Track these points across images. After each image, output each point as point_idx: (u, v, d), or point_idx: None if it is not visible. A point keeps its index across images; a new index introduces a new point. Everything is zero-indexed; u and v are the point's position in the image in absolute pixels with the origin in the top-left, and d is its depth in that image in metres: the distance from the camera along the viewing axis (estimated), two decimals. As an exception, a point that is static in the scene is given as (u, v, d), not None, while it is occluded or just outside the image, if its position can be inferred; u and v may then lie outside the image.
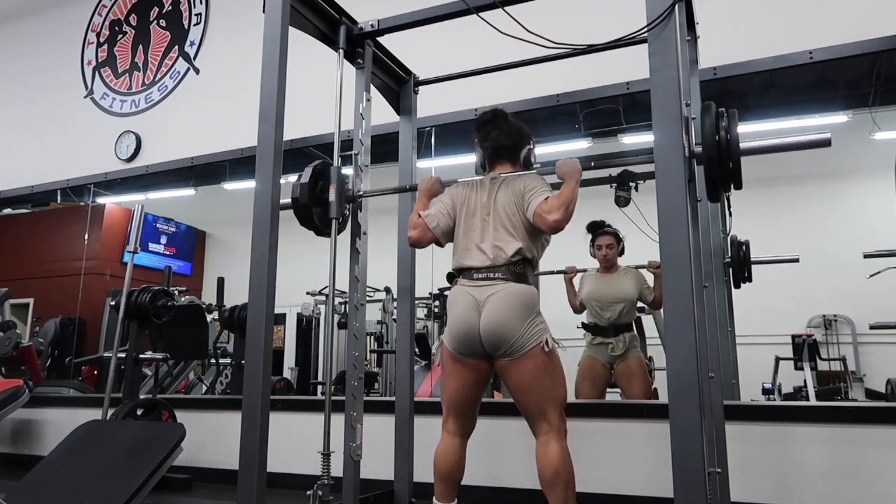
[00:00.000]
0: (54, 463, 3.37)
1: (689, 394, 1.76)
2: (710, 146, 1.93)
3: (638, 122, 4.00)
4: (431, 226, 2.48)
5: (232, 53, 4.98)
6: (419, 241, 2.55)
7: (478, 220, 2.40)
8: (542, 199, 2.28)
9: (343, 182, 2.56)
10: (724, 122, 1.95)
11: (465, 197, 2.47)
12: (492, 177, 2.46)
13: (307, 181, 2.52)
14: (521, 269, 2.32)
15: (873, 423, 2.77)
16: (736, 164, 1.95)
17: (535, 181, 2.37)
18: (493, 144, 2.50)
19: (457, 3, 2.63)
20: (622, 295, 3.79)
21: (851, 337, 5.80)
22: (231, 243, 8.17)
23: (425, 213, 2.51)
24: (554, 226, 2.24)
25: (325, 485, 2.26)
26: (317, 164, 2.58)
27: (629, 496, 2.97)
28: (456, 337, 2.32)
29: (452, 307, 2.36)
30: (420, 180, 2.65)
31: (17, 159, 5.88)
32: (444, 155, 4.50)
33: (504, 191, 2.39)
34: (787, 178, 5.72)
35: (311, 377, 6.38)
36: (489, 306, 2.26)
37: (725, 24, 3.40)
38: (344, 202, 2.56)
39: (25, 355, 5.01)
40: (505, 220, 2.35)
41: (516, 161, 2.50)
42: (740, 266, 3.33)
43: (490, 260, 2.32)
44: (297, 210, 2.52)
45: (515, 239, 2.32)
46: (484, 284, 2.31)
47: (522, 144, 2.51)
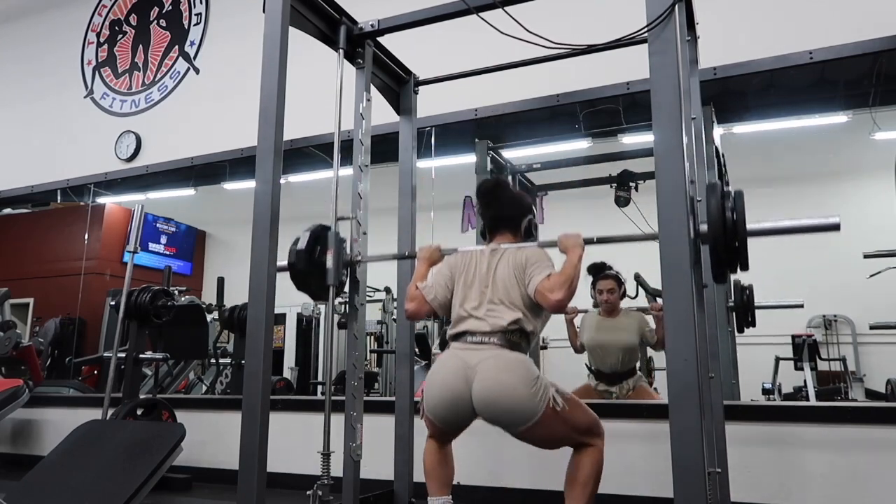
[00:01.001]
0: (54, 463, 3.37)
1: (689, 394, 1.76)
2: (716, 227, 1.87)
3: (638, 122, 4.00)
4: (429, 298, 2.38)
5: (232, 53, 4.98)
6: (416, 314, 2.47)
7: (475, 291, 2.30)
8: (544, 276, 2.19)
9: (341, 247, 2.51)
10: (730, 202, 1.89)
11: (465, 267, 2.37)
12: (492, 248, 2.37)
13: (304, 247, 2.43)
14: (516, 339, 2.21)
15: (873, 423, 2.77)
16: (742, 245, 1.89)
17: (537, 255, 2.28)
18: (494, 214, 2.45)
19: (457, 3, 2.63)
20: (624, 341, 3.74)
21: (851, 337, 5.81)
22: (231, 243, 8.17)
23: (423, 284, 2.42)
24: (556, 305, 2.16)
25: (325, 485, 2.26)
26: (314, 229, 2.49)
27: (629, 496, 2.97)
28: (439, 406, 2.20)
29: (437, 372, 2.24)
30: (419, 248, 2.57)
31: (17, 159, 5.88)
32: (444, 155, 4.50)
33: (504, 263, 2.30)
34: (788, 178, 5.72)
35: (311, 377, 6.38)
36: (482, 374, 2.13)
37: (725, 24, 3.40)
38: (341, 268, 2.51)
39: (25, 355, 5.01)
40: (503, 294, 2.25)
41: (517, 231, 2.43)
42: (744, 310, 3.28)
43: (487, 326, 2.21)
44: (293, 276, 2.45)
45: (514, 311, 2.22)
46: (476, 348, 2.19)
47: (523, 215, 2.44)
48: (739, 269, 1.96)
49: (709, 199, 1.90)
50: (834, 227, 1.91)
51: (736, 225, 1.87)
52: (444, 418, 2.23)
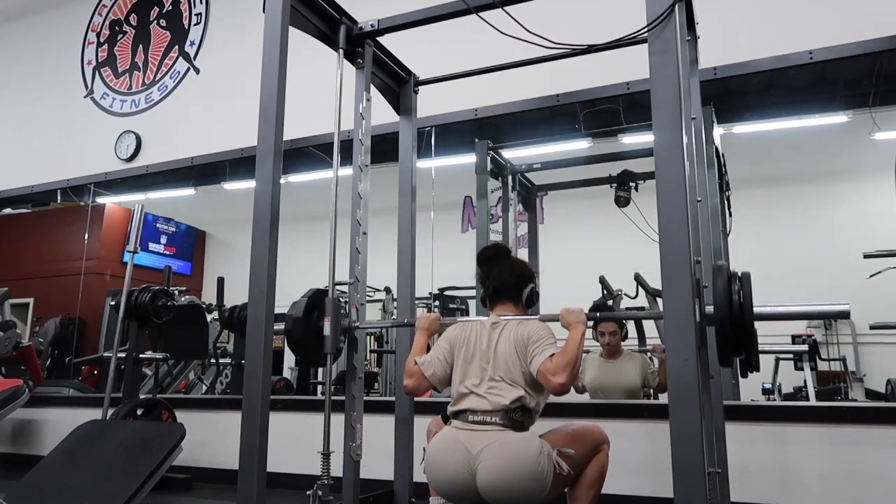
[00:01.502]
0: (54, 463, 3.37)
1: (689, 394, 1.76)
2: (722, 311, 1.83)
3: (638, 122, 4.00)
4: (427, 374, 2.32)
5: (232, 53, 4.98)
6: (415, 391, 2.42)
7: (476, 366, 2.25)
8: (547, 356, 2.13)
9: (339, 313, 2.48)
10: (736, 285, 1.86)
11: (465, 340, 2.32)
12: (492, 322, 2.32)
13: (300, 316, 2.40)
14: (518, 417, 2.15)
15: (873, 424, 2.77)
16: (750, 329, 1.85)
17: (539, 331, 2.23)
18: (495, 284, 2.40)
19: (457, 3, 2.63)
20: (626, 385, 3.70)
21: (851, 337, 5.81)
22: (231, 243, 8.17)
23: (421, 359, 2.37)
24: (559, 389, 2.12)
25: (325, 485, 2.26)
26: (311, 295, 2.46)
27: (629, 496, 2.96)
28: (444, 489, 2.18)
29: (437, 455, 2.18)
30: (418, 318, 2.55)
31: (17, 159, 5.88)
32: (444, 155, 4.50)
33: (505, 337, 2.25)
34: (788, 178, 5.73)
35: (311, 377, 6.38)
36: (485, 464, 2.07)
37: (725, 24, 3.40)
38: (339, 335, 2.48)
39: (25, 355, 5.01)
40: (503, 371, 2.20)
41: (518, 301, 2.39)
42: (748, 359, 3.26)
43: (488, 404, 2.16)
44: (290, 344, 2.43)
45: (516, 389, 2.17)
46: (478, 430, 2.13)
47: (524, 284, 2.40)
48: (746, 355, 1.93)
49: (715, 281, 1.86)
50: (843, 315, 1.89)
51: (743, 308, 1.83)
52: (451, 498, 2.20)
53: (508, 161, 4.59)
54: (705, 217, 2.43)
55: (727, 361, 1.96)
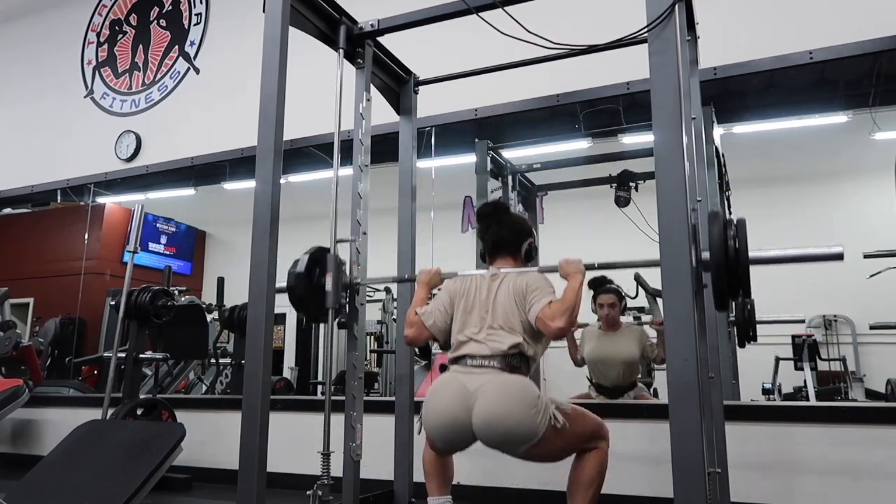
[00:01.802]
0: (54, 463, 3.37)
1: (689, 394, 1.76)
2: (718, 256, 1.87)
3: (638, 122, 4.00)
4: (428, 324, 2.37)
5: (232, 53, 4.98)
6: (416, 340, 2.46)
7: (476, 317, 2.28)
8: (545, 303, 2.17)
9: (340, 270, 2.49)
10: (732, 230, 1.89)
11: (464, 292, 2.35)
12: (492, 274, 2.35)
13: (303, 270, 2.41)
14: (516, 363, 2.18)
15: (873, 424, 2.77)
16: (745, 274, 1.88)
17: (538, 280, 2.26)
18: (494, 238, 2.43)
19: (457, 3, 2.63)
20: (625, 356, 3.73)
21: (851, 337, 5.81)
22: (231, 243, 8.17)
23: (422, 310, 2.40)
24: (557, 333, 2.16)
25: (325, 485, 2.26)
26: (313, 252, 2.47)
27: (629, 496, 2.97)
28: (438, 430, 2.19)
29: (436, 395, 2.20)
30: (419, 271, 2.56)
31: (17, 159, 5.88)
32: (444, 155, 4.50)
33: (504, 289, 2.28)
34: (788, 178, 5.73)
35: (311, 377, 6.39)
36: (482, 398, 2.10)
37: (725, 24, 3.40)
38: (341, 290, 2.49)
39: (25, 355, 5.01)
40: (502, 320, 2.23)
41: (517, 255, 2.42)
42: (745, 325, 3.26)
43: (487, 349, 2.20)
44: (292, 299, 2.43)
45: (514, 335, 2.21)
46: (476, 372, 2.17)
47: (523, 238, 2.43)
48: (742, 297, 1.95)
49: (711, 228, 1.89)
50: (837, 257, 1.88)
51: (738, 253, 1.86)
52: (444, 441, 2.22)
53: (508, 161, 4.59)
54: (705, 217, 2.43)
55: (723, 305, 2.00)
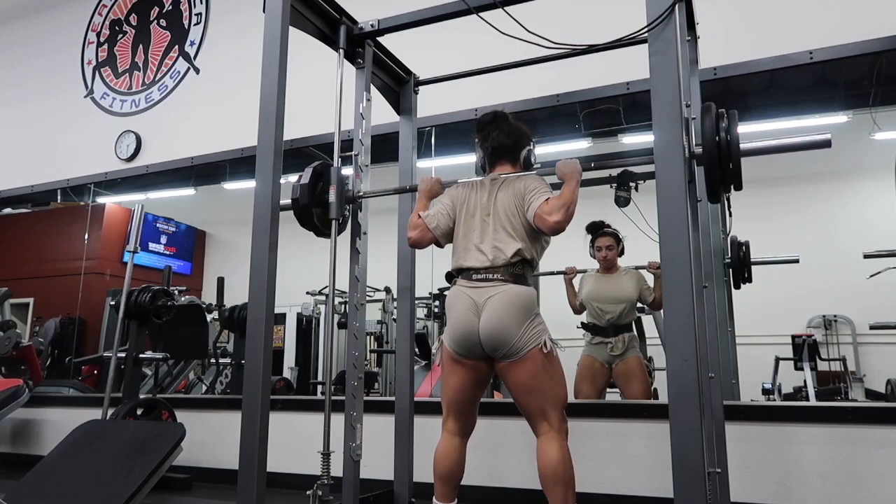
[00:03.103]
0: (54, 463, 3.37)
1: (689, 394, 1.76)
2: (710, 147, 1.93)
3: (638, 122, 4.00)
4: (431, 226, 2.47)
5: (232, 53, 4.98)
6: (419, 242, 2.54)
7: (477, 220, 2.40)
8: (543, 200, 2.27)
9: (343, 183, 2.56)
10: (724, 122, 1.95)
11: (465, 197, 2.46)
12: (492, 177, 2.45)
13: (307, 182, 2.50)
14: (519, 270, 2.31)
15: (873, 424, 2.77)
16: (736, 165, 1.95)
17: (536, 182, 2.36)
18: (494, 144, 2.50)
19: (457, 3, 2.63)
20: (622, 295, 3.80)
21: (851, 337, 5.80)
22: (231, 243, 8.17)
23: (425, 213, 2.50)
24: (555, 227, 2.24)
25: (325, 485, 2.26)
26: (316, 165, 2.56)
27: (629, 496, 2.96)
28: (456, 339, 2.33)
29: (452, 309, 2.36)
30: (420, 181, 2.64)
31: (17, 159, 5.88)
32: (444, 155, 4.49)
33: (504, 191, 2.39)
34: (787, 178, 5.72)
35: (311, 377, 6.38)
36: (488, 309, 2.26)
37: (725, 24, 3.40)
38: (344, 203, 2.56)
39: (25, 355, 5.02)
40: (505, 221, 2.34)
41: (516, 161, 2.50)
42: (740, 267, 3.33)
43: (489, 261, 2.31)
44: (296, 211, 2.51)
45: (515, 240, 2.32)
46: (483, 286, 2.30)
47: (522, 144, 2.51)
48: (733, 188, 2.02)
49: (703, 120, 1.94)
50: (825, 144, 1.96)
51: (730, 144, 1.93)
52: (464, 347, 2.32)
53: (508, 161, 4.58)
54: (705, 217, 2.43)
55: (716, 197, 2.07)
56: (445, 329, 2.41)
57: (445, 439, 2.38)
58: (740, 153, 1.95)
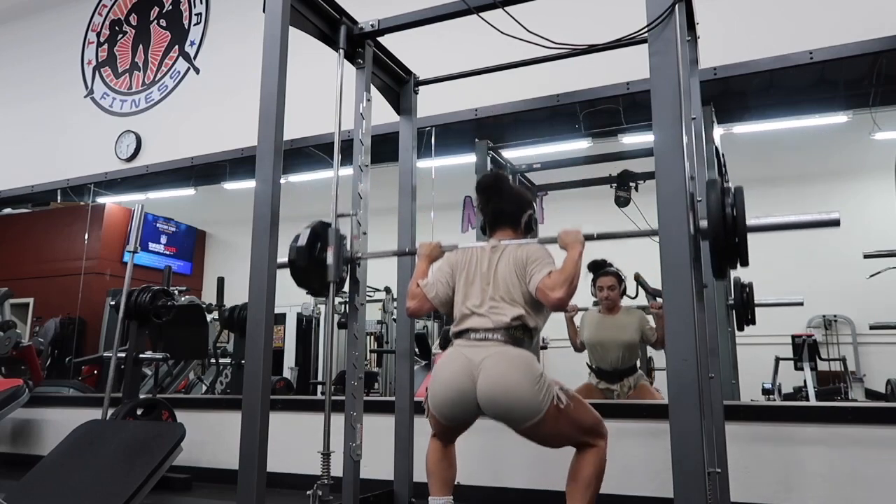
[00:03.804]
0: (54, 463, 3.37)
1: (689, 394, 1.76)
2: (716, 223, 1.87)
3: (638, 122, 4.00)
4: (430, 295, 2.39)
5: (232, 53, 4.98)
6: (418, 312, 2.47)
7: (477, 288, 2.30)
8: (545, 273, 2.19)
9: (341, 243, 2.50)
10: (730, 198, 1.89)
11: (465, 264, 2.37)
12: (492, 245, 2.37)
13: (304, 244, 2.42)
14: (519, 335, 2.21)
15: (873, 423, 2.77)
16: (742, 241, 1.89)
17: (538, 252, 2.28)
18: (494, 210, 2.44)
19: (457, 3, 2.63)
20: (624, 339, 3.74)
21: (851, 337, 5.80)
22: (231, 243, 8.17)
23: (423, 282, 2.43)
24: (557, 304, 2.16)
25: (325, 485, 2.26)
26: (314, 226, 2.49)
27: (629, 496, 2.96)
28: (444, 404, 2.20)
29: (442, 369, 2.23)
30: (419, 245, 2.57)
31: (17, 159, 5.88)
32: (444, 155, 4.50)
33: (505, 260, 2.30)
34: (787, 178, 5.72)
35: (311, 377, 6.38)
36: (486, 370, 2.12)
37: (725, 24, 3.40)
38: (342, 264, 2.50)
39: (25, 355, 5.02)
40: (504, 292, 2.25)
41: (517, 227, 2.43)
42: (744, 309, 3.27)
43: (490, 322, 2.21)
44: (293, 273, 2.44)
45: (516, 308, 2.22)
46: (480, 345, 2.19)
47: (524, 210, 2.44)
48: (739, 264, 1.97)
49: (709, 195, 1.91)
50: (834, 223, 1.93)
51: (736, 220, 1.88)
52: (450, 416, 2.22)
53: (508, 161, 4.59)
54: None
55: (722, 273, 2.02)
56: (429, 391, 2.25)
57: (433, 442, 2.36)
58: (747, 230, 1.89)
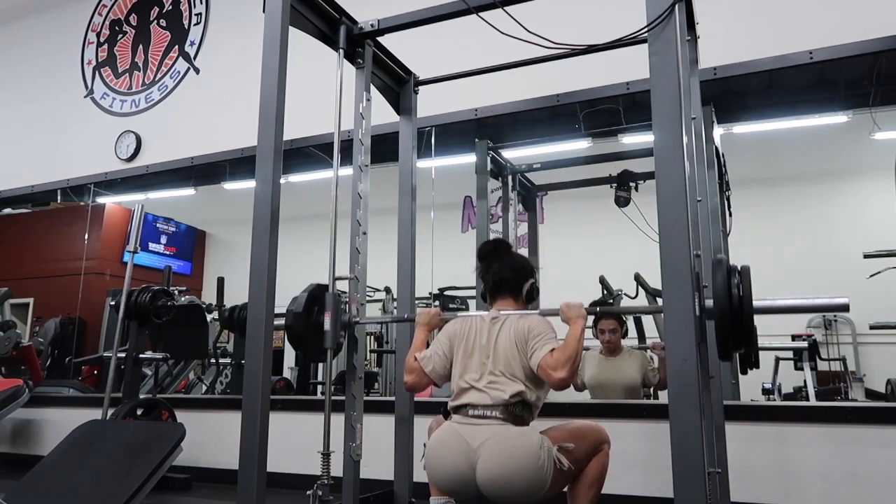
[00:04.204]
0: (54, 463, 3.37)
1: (689, 394, 1.76)
2: (722, 304, 1.82)
3: (638, 121, 4.00)
4: (427, 370, 2.33)
5: (232, 53, 4.98)
6: (415, 387, 2.42)
7: (476, 361, 2.24)
8: (547, 351, 2.13)
9: (339, 308, 2.48)
10: (736, 279, 1.85)
11: (464, 334, 2.32)
12: (492, 316, 2.31)
13: (301, 310, 2.39)
14: (518, 411, 2.15)
15: (873, 423, 2.77)
16: (749, 323, 1.84)
17: (540, 325, 2.23)
18: (495, 278, 2.40)
19: (457, 3, 2.63)
20: (626, 382, 3.70)
21: (851, 337, 5.81)
22: (231, 243, 8.17)
23: (421, 355, 2.36)
24: (559, 384, 2.11)
25: (325, 485, 2.26)
26: (312, 289, 2.46)
27: (629, 496, 2.96)
28: (444, 485, 2.16)
29: (438, 449, 2.16)
30: (418, 313, 2.54)
31: (17, 159, 5.88)
32: (444, 155, 4.50)
33: (505, 332, 2.25)
34: (787, 178, 5.73)
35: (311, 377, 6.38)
36: (485, 458, 2.06)
37: (725, 24, 3.40)
38: (339, 330, 2.48)
39: (25, 355, 5.01)
40: (504, 366, 2.20)
41: (518, 296, 2.38)
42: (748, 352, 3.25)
43: (489, 398, 2.16)
44: (290, 339, 2.42)
45: (516, 383, 2.17)
46: (478, 424, 2.13)
47: (525, 278, 2.39)
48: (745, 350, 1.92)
49: (714, 276, 1.86)
50: (843, 308, 1.88)
51: (742, 302, 1.82)
52: (451, 493, 2.19)
53: (508, 161, 4.59)
54: (705, 217, 2.43)
55: (727, 356, 1.95)
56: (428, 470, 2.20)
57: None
58: (753, 311, 1.83)
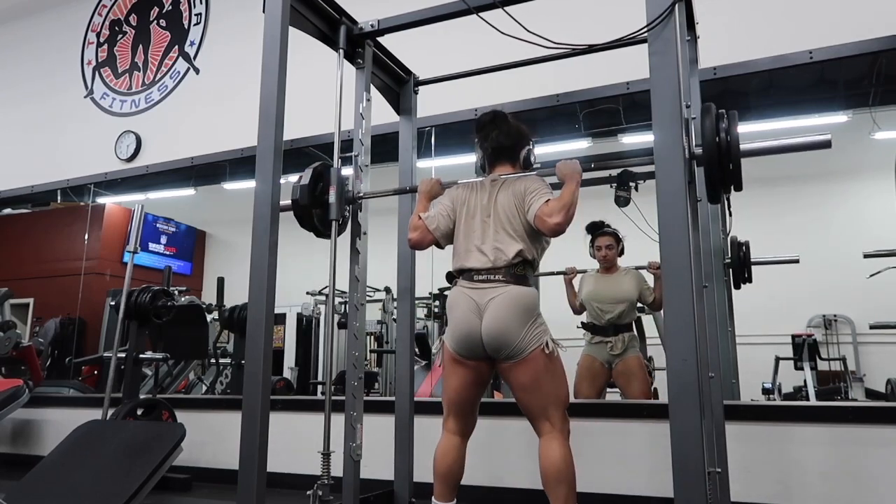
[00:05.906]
0: (54, 463, 3.37)
1: (689, 394, 1.76)
2: (710, 147, 1.93)
3: (638, 122, 4.00)
4: (431, 227, 2.47)
5: (232, 53, 4.98)
6: (420, 243, 2.55)
7: (478, 221, 2.39)
8: (543, 201, 2.27)
9: (343, 183, 2.56)
10: (724, 123, 1.95)
11: (465, 198, 2.46)
12: (492, 178, 2.45)
13: (307, 183, 2.50)
14: (521, 271, 2.31)
15: (873, 423, 2.77)
16: (736, 166, 1.95)
17: (536, 183, 2.37)
18: (493, 145, 2.50)
19: (457, 3, 2.63)
20: (622, 296, 3.80)
21: (851, 337, 5.80)
22: (231, 243, 8.17)
23: (425, 214, 2.50)
24: (555, 229, 2.24)
25: (325, 485, 2.26)
26: (317, 166, 2.57)
27: (629, 496, 2.97)
28: (457, 340, 2.33)
29: (454, 310, 2.36)
30: (420, 182, 2.64)
31: (17, 159, 5.88)
32: (444, 155, 4.49)
33: (504, 192, 2.39)
34: (787, 178, 5.72)
35: (311, 377, 6.38)
36: (490, 311, 2.26)
37: (725, 24, 3.40)
38: (344, 204, 2.56)
39: (25, 355, 5.01)
40: (505, 223, 2.34)
41: (516, 161, 2.50)
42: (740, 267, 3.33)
43: (490, 262, 2.31)
44: (296, 212, 2.52)
45: (516, 241, 2.32)
46: (484, 287, 2.30)
47: (522, 145, 2.51)
48: (733, 188, 2.02)
49: (703, 120, 1.94)
50: (825, 145, 1.97)
51: (730, 145, 1.93)
52: (465, 349, 2.32)
53: (508, 161, 4.58)
54: (705, 217, 2.43)
55: (716, 198, 2.08)
56: (447, 329, 2.41)
57: (446, 438, 2.38)
58: (740, 154, 1.94)
